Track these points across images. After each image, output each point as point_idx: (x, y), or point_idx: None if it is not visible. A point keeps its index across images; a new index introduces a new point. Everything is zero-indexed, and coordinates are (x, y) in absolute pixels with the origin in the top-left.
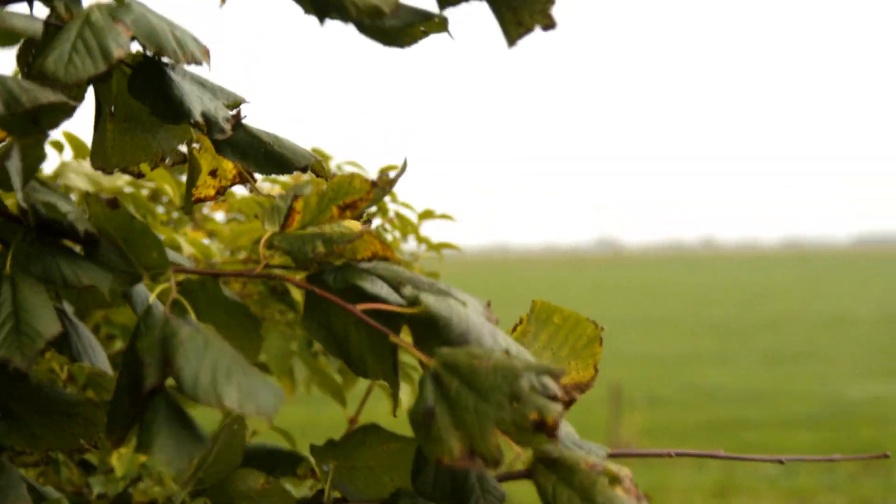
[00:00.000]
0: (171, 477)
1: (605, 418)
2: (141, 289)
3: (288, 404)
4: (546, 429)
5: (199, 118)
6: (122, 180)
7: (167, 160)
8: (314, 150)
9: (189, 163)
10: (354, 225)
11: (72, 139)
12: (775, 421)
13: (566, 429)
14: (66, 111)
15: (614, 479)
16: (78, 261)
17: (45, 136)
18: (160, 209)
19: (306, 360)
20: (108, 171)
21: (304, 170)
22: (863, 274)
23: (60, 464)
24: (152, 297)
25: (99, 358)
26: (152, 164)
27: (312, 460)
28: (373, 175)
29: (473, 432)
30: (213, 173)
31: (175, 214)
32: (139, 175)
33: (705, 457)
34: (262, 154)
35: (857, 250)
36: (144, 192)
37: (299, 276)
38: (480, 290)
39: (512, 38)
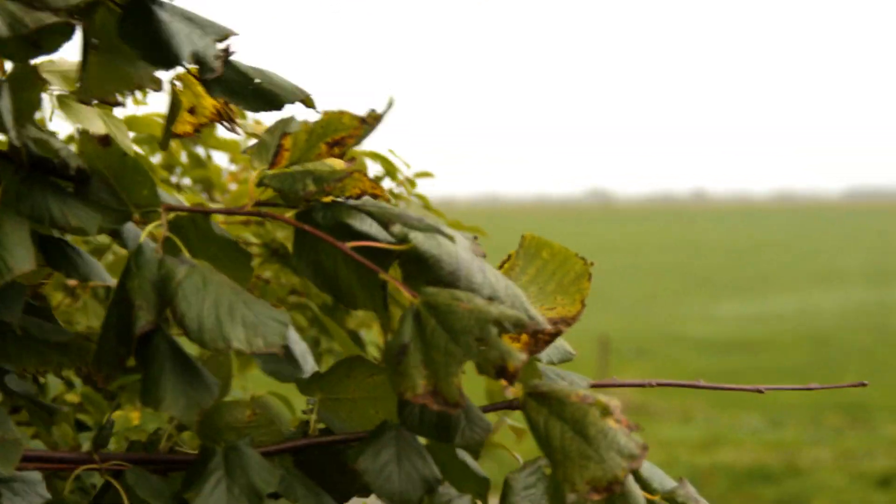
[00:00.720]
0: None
1: (594, 371)
2: (131, 227)
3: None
4: (507, 375)
5: (188, 59)
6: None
7: (143, 89)
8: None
9: (170, 99)
10: (338, 163)
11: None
12: (761, 372)
13: (562, 345)
14: (66, 33)
15: (605, 411)
16: (67, 199)
17: (43, 83)
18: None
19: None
20: (87, 101)
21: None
22: (853, 227)
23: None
24: (143, 235)
25: (105, 277)
26: (129, 94)
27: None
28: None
29: (440, 372)
30: (191, 110)
31: (187, 181)
32: (117, 104)
33: (685, 386)
34: (250, 91)
35: (848, 203)
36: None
37: (288, 214)
38: None
39: None
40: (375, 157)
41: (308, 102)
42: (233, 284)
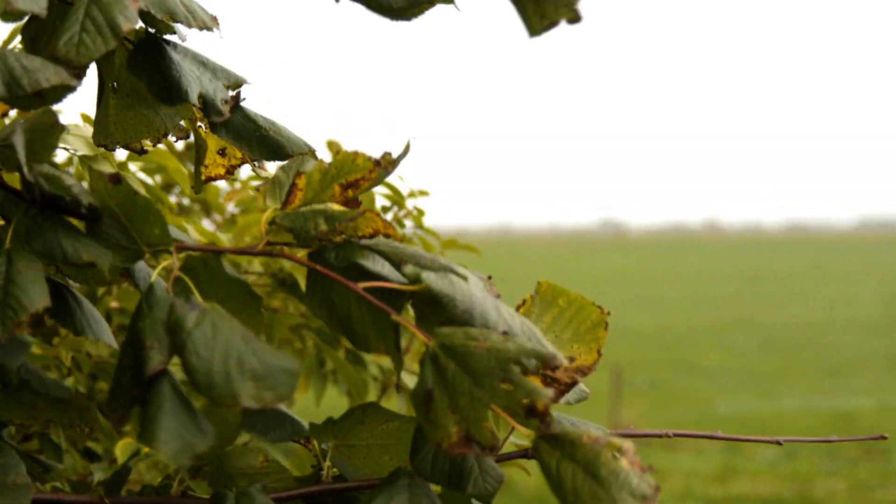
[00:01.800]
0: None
1: (607, 403)
2: (143, 266)
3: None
4: (537, 414)
5: (195, 100)
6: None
7: (170, 137)
8: (329, 143)
9: (195, 141)
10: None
11: (89, 120)
12: (776, 404)
13: (577, 384)
14: (70, 89)
15: (618, 452)
16: (79, 237)
17: (61, 127)
18: (172, 199)
19: (327, 352)
20: (110, 147)
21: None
22: (865, 257)
23: (63, 451)
24: (154, 275)
25: (102, 332)
26: (155, 140)
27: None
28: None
29: (469, 417)
30: (221, 152)
31: (185, 201)
32: (142, 151)
33: (703, 437)
34: (256, 138)
35: (860, 234)
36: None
37: (300, 254)
38: (483, 271)
39: (535, 30)
40: (385, 184)
41: (311, 156)
42: (243, 331)
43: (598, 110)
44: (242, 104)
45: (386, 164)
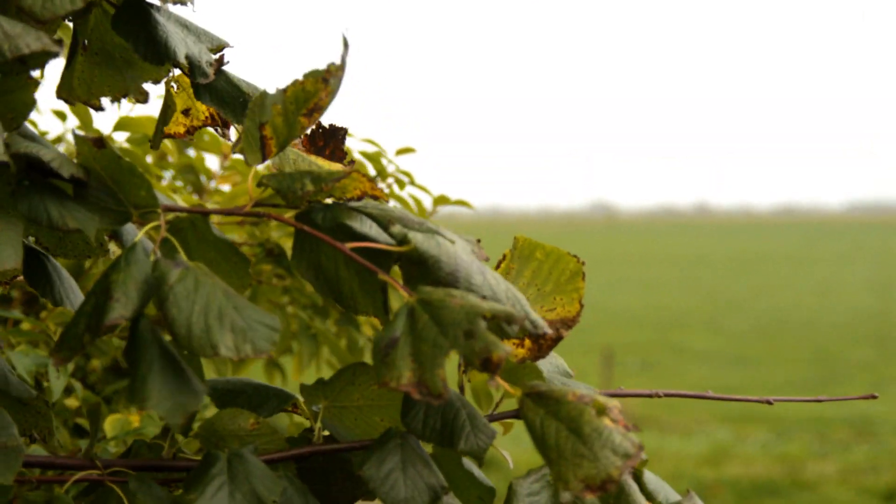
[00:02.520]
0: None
1: (598, 384)
2: (131, 228)
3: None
4: (491, 366)
5: (182, 60)
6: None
7: (130, 97)
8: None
9: (164, 100)
10: (336, 165)
11: (78, 110)
12: (766, 386)
13: (561, 364)
14: (51, 55)
15: (601, 410)
16: (66, 201)
17: (35, 83)
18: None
19: (320, 331)
20: (70, 101)
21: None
22: (855, 241)
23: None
24: (140, 234)
25: (79, 303)
26: (113, 99)
27: (301, 400)
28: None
29: (425, 363)
30: (185, 112)
31: (179, 183)
32: (100, 109)
33: (694, 397)
34: (239, 103)
35: (850, 217)
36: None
37: (287, 216)
38: None
39: None
40: (368, 157)
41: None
42: (225, 287)
43: (587, 91)
44: (226, 68)
45: (333, 73)
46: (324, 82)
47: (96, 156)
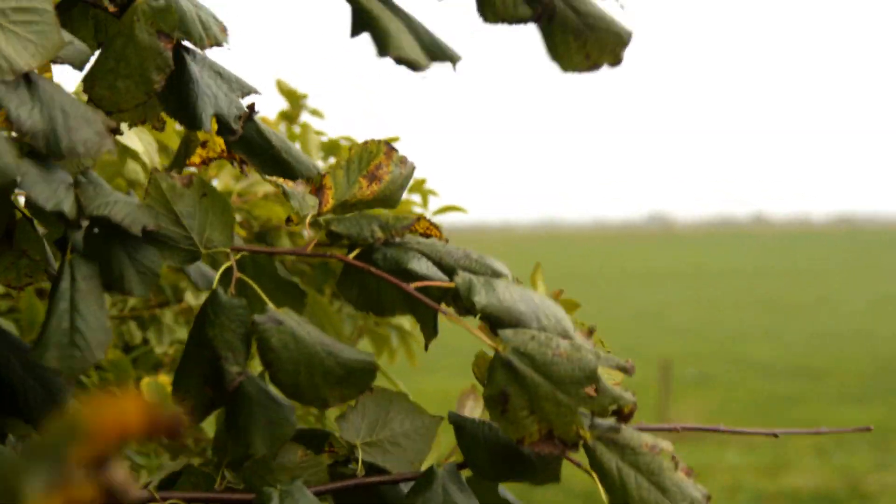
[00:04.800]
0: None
1: (656, 398)
2: (198, 264)
3: None
4: (623, 417)
5: (209, 127)
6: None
7: (147, 124)
8: (279, 82)
9: (186, 134)
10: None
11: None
12: (826, 397)
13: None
14: (106, 146)
15: (674, 461)
16: (136, 244)
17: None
18: None
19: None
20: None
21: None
22: None
23: None
24: (216, 280)
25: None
26: (130, 124)
27: (339, 434)
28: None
29: (553, 419)
30: (203, 144)
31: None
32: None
33: (706, 431)
34: (268, 156)
35: None
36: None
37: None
38: (529, 268)
39: (570, 66)
40: (418, 190)
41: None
42: (321, 337)
43: (644, 103)
44: (255, 119)
45: (397, 156)
46: (388, 148)
47: (180, 193)
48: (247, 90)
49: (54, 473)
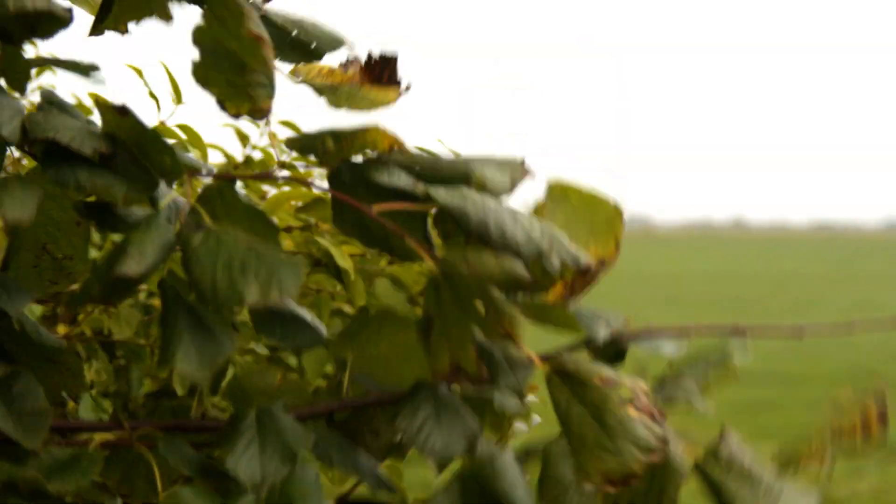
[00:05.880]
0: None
1: None
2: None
3: None
4: (513, 339)
5: None
6: None
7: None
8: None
9: None
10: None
11: (189, 132)
12: (802, 403)
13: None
14: (61, 23)
15: (626, 397)
16: (93, 169)
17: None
18: None
19: None
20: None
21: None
22: (892, 260)
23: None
24: (167, 199)
25: None
26: (137, 19)
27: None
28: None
29: (455, 345)
30: None
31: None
32: (125, 32)
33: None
34: (287, 44)
35: (887, 235)
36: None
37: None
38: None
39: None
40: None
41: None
42: (249, 240)
43: (625, 106)
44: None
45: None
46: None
47: (119, 123)
48: None
49: None
